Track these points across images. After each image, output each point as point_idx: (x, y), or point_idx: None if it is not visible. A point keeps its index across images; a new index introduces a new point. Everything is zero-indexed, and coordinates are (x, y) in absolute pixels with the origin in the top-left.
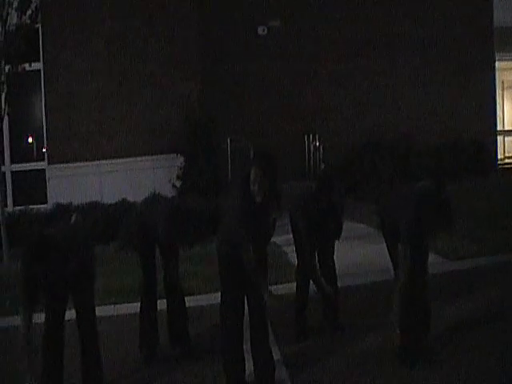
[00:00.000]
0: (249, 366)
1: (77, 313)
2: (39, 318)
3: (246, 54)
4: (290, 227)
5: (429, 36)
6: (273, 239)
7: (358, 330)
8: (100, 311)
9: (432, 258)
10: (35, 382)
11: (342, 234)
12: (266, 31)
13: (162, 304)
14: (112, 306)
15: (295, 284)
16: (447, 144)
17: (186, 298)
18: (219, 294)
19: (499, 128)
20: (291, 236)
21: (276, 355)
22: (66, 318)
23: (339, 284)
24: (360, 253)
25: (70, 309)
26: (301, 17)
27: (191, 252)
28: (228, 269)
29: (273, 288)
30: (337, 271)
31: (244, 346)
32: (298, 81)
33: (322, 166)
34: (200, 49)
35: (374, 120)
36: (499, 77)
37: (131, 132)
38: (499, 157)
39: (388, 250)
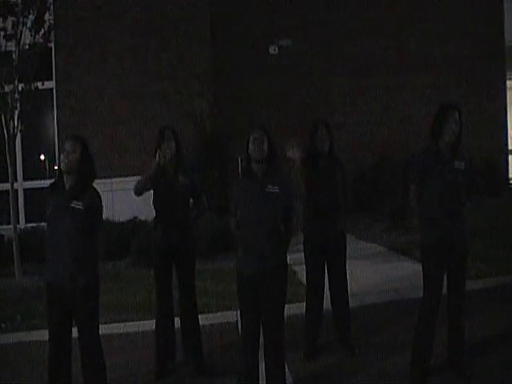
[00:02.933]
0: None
1: (79, 332)
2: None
3: (257, 72)
4: (299, 246)
5: (441, 54)
6: None
7: (369, 350)
8: (112, 328)
9: None
10: None
11: (356, 253)
12: (277, 50)
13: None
14: (123, 323)
15: (305, 303)
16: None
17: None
18: (230, 312)
19: (510, 147)
20: (301, 255)
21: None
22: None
23: (352, 303)
24: (372, 272)
25: None
26: (312, 36)
27: (200, 269)
28: (246, 287)
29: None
30: (350, 291)
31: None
32: (309, 98)
33: None
34: (212, 66)
35: (386, 137)
36: (510, 95)
37: (143, 149)
38: (510, 176)
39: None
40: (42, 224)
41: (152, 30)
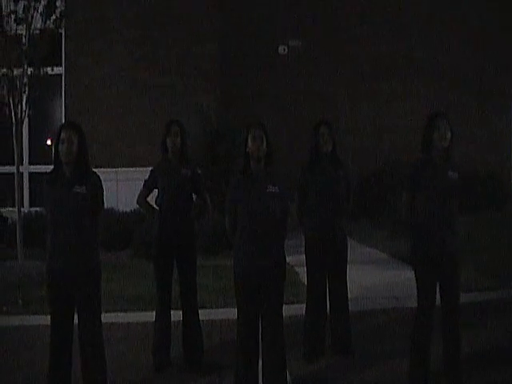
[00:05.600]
0: None
1: (81, 318)
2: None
3: (266, 72)
4: (302, 248)
5: (447, 63)
6: None
7: (369, 355)
8: (112, 318)
9: None
10: None
11: (357, 258)
12: (286, 50)
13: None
14: (123, 313)
15: (305, 305)
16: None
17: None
18: (232, 308)
19: None
20: (303, 257)
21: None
22: None
23: (352, 308)
24: (373, 278)
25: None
26: (321, 37)
27: (202, 264)
28: (244, 285)
29: (285, 308)
30: (349, 295)
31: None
32: (316, 100)
33: None
34: (221, 64)
35: (391, 143)
36: None
37: (150, 141)
38: None
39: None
40: None
41: (162, 24)
